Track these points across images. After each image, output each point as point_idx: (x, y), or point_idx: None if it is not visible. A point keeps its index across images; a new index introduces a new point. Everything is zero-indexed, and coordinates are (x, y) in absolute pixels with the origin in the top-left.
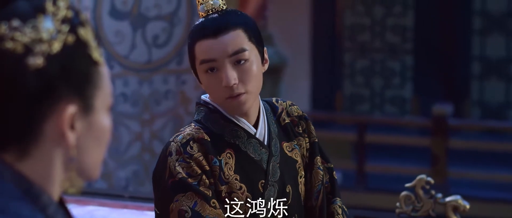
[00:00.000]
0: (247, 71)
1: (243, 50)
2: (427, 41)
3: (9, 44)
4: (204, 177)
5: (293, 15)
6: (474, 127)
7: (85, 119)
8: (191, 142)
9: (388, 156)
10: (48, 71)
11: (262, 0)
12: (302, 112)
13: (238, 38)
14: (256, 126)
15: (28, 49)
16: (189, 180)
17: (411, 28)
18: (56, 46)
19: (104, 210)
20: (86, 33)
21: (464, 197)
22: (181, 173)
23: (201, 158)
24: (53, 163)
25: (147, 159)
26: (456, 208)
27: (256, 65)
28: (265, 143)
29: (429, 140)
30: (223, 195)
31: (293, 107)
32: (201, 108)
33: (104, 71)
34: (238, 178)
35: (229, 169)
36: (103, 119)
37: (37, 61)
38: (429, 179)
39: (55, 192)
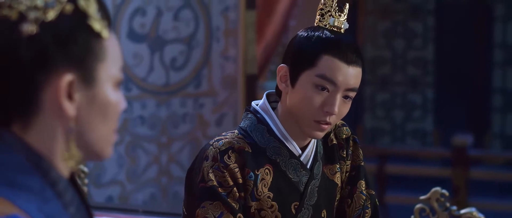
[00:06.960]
0: (345, 109)
1: (355, 90)
2: (448, 74)
3: (5, 12)
4: (235, 189)
5: None
6: (494, 157)
7: (86, 91)
8: (229, 151)
9: (408, 187)
10: (41, 38)
11: (281, 28)
12: (351, 133)
13: (359, 77)
14: (304, 148)
15: (23, 16)
16: (220, 189)
17: (432, 61)
18: (51, 14)
19: None
20: (87, 5)
21: None
22: (212, 180)
23: (236, 170)
24: (55, 135)
25: (164, 182)
26: None
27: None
28: (308, 166)
29: (450, 170)
30: (252, 211)
31: (342, 128)
32: (249, 115)
33: (110, 44)
34: (271, 196)
35: (264, 185)
36: (108, 93)
37: (30, 28)
38: (444, 191)
39: (63, 167)
